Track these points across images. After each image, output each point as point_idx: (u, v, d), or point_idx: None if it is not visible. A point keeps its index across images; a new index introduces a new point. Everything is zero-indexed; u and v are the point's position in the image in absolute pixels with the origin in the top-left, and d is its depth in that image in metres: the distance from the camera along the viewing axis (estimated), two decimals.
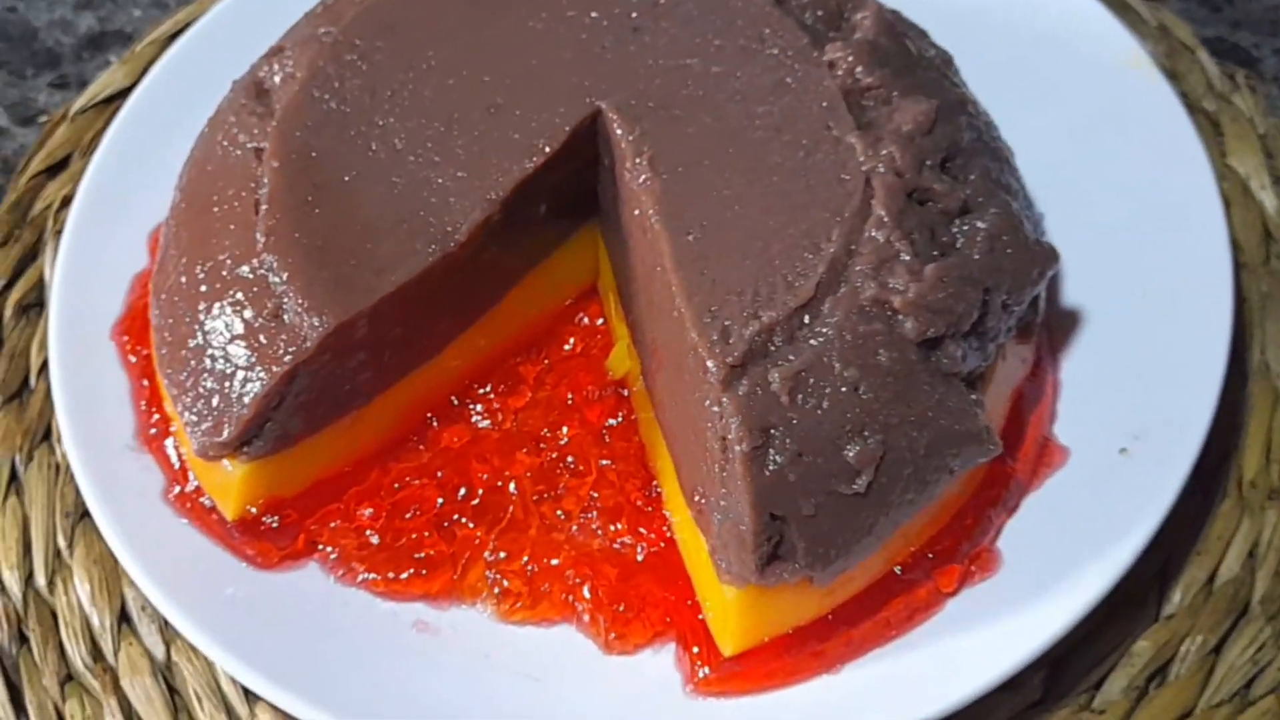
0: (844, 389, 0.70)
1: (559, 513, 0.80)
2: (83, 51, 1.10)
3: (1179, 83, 0.97)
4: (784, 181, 0.75)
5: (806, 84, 0.78)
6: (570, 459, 0.81)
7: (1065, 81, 0.91)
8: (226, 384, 0.74)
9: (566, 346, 0.86)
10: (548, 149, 0.78)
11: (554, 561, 0.78)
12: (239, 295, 0.75)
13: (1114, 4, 1.00)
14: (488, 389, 0.84)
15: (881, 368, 0.71)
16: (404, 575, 0.78)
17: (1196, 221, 0.85)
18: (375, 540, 0.79)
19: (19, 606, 0.83)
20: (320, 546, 0.79)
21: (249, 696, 0.80)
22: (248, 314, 0.75)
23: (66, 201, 0.97)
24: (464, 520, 0.80)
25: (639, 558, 0.79)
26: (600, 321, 0.87)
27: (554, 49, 0.81)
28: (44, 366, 0.91)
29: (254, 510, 0.79)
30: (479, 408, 0.84)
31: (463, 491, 0.81)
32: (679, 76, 0.79)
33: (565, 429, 0.82)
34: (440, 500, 0.80)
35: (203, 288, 0.76)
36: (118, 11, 1.12)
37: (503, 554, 0.79)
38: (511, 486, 0.81)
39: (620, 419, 0.83)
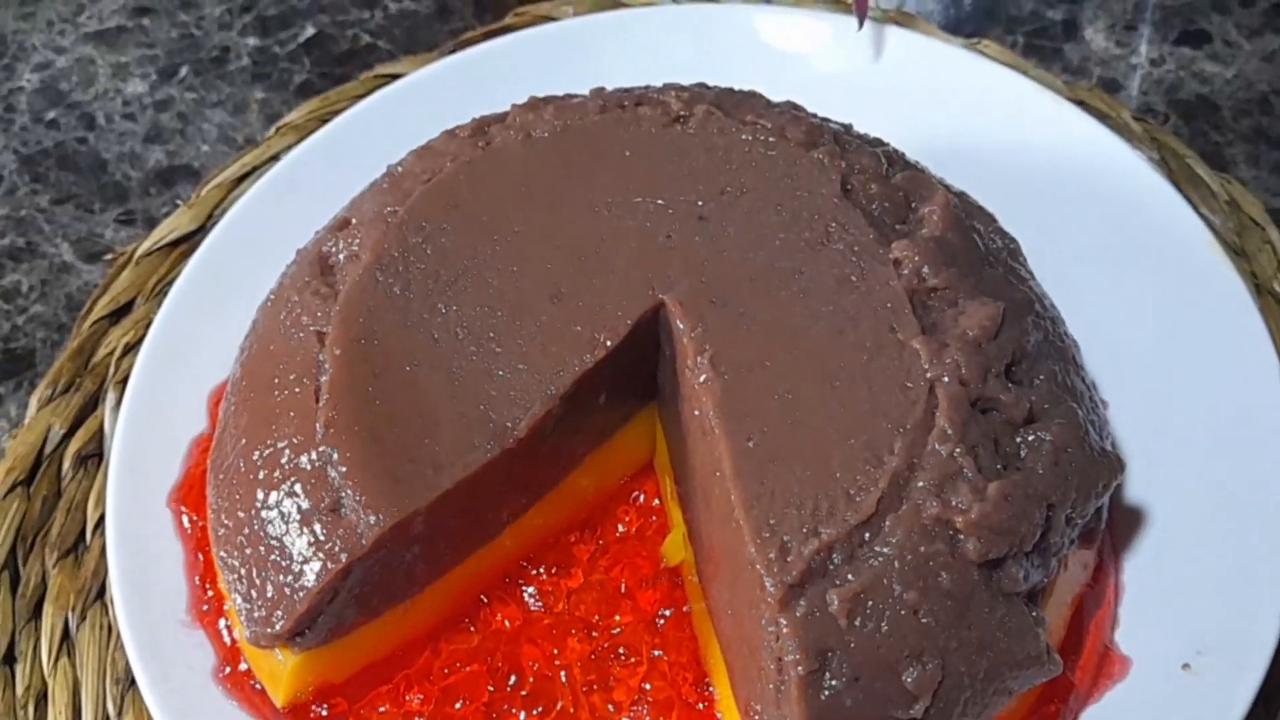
0: (903, 612, 0.69)
1: (609, 705, 0.79)
2: (150, 186, 1.11)
3: (1249, 262, 0.96)
4: (846, 387, 0.74)
5: (871, 283, 0.77)
6: (622, 650, 0.80)
7: (1132, 263, 0.90)
8: (281, 576, 0.74)
9: (620, 527, 0.85)
10: (609, 343, 0.77)
11: None
12: (297, 486, 0.75)
13: (1185, 176, 0.99)
14: (540, 570, 0.83)
15: (942, 590, 0.70)
16: None
17: (1263, 419, 0.84)
18: None
19: None
20: None
21: None
22: (305, 505, 0.74)
23: (129, 348, 0.98)
24: (513, 710, 0.79)
25: None
26: (656, 501, 0.86)
27: (619, 236, 0.80)
28: (100, 521, 0.91)
29: (303, 696, 0.78)
30: (531, 589, 0.83)
31: (513, 679, 0.80)
32: (743, 270, 0.79)
33: (618, 616, 0.81)
34: (490, 688, 0.80)
35: (260, 474, 0.76)
36: (186, 145, 1.13)
37: None
38: (562, 675, 0.80)
39: (673, 610, 0.82)
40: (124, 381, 0.95)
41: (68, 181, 1.12)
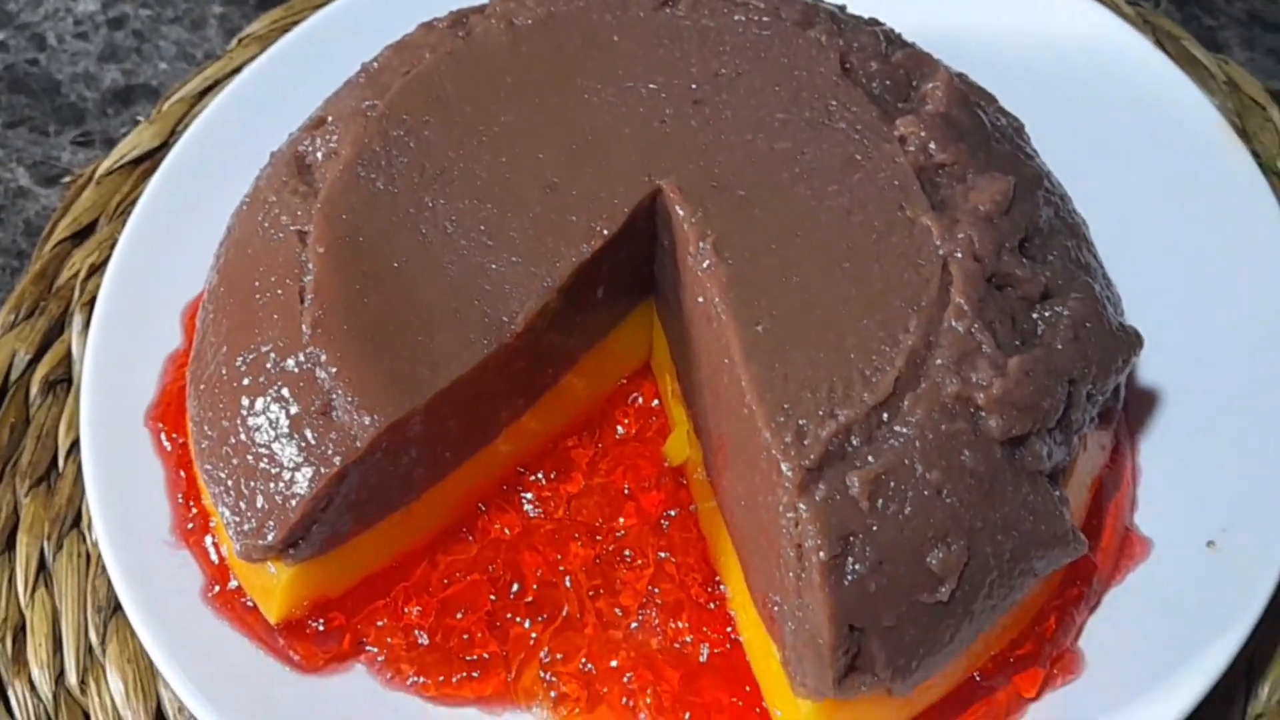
0: (926, 493, 0.66)
1: (616, 609, 0.76)
2: (107, 107, 1.07)
3: (1250, 141, 0.93)
4: (856, 267, 0.71)
5: (878, 161, 0.74)
6: (627, 552, 0.77)
7: (1137, 144, 0.88)
8: (271, 484, 0.71)
9: (620, 429, 0.82)
10: (606, 232, 0.74)
11: (613, 663, 0.75)
12: (284, 390, 0.71)
13: (1182, 58, 0.96)
14: (539, 475, 0.80)
15: (965, 469, 0.67)
16: (455, 678, 0.75)
17: (1277, 295, 0.82)
18: (424, 640, 0.76)
19: (49, 708, 0.80)
20: (367, 647, 0.76)
21: None
22: (294, 410, 0.71)
23: (94, 269, 0.94)
24: (517, 618, 0.76)
25: (702, 658, 0.75)
26: (655, 403, 0.83)
27: (611, 123, 0.77)
28: (73, 447, 0.87)
29: (298, 612, 0.75)
30: (530, 495, 0.80)
31: (515, 587, 0.77)
32: (743, 153, 0.75)
33: (621, 519, 0.79)
34: (492, 596, 0.77)
35: (245, 380, 0.73)
36: (143, 64, 1.09)
37: (559, 655, 0.75)
38: (566, 581, 0.77)
39: (678, 510, 0.79)
40: (90, 303, 0.91)
41: (20, 104, 1.07)
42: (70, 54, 1.09)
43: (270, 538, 0.70)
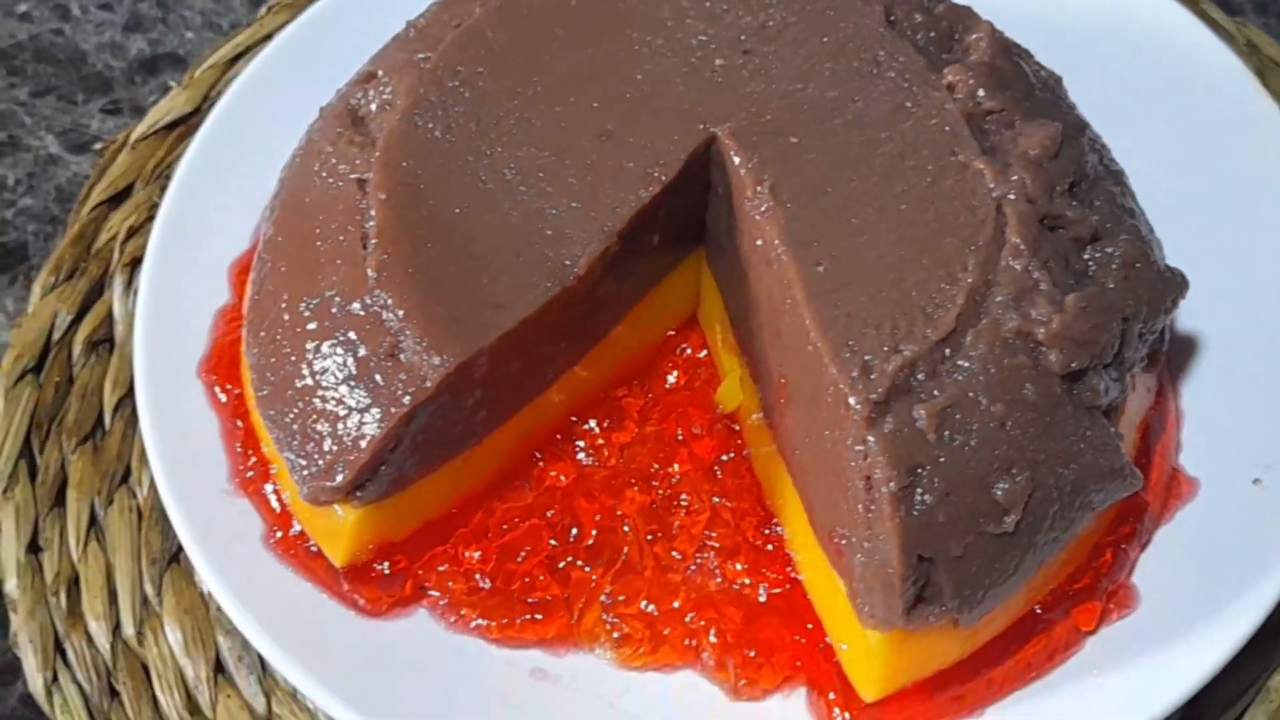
0: (991, 425, 0.68)
1: (674, 553, 0.77)
2: (135, 75, 1.07)
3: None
4: (911, 210, 0.73)
5: (927, 108, 0.76)
6: (683, 497, 0.78)
7: (1166, 99, 0.90)
8: (340, 426, 0.71)
9: (670, 379, 0.83)
10: (663, 178, 0.75)
11: (674, 604, 0.76)
12: (350, 334, 0.72)
13: (1201, 20, 0.98)
14: (591, 424, 0.81)
15: (1028, 402, 0.68)
16: (518, 620, 0.76)
17: None
18: (486, 584, 0.76)
19: (108, 659, 0.80)
20: (429, 592, 0.76)
21: None
22: (361, 353, 0.71)
23: (133, 232, 0.94)
24: (577, 562, 0.77)
25: (761, 599, 0.76)
26: (703, 354, 0.84)
27: (663, 72, 0.78)
28: (119, 405, 0.88)
29: (363, 555, 0.75)
30: (583, 444, 0.81)
31: (574, 532, 0.78)
32: (794, 101, 0.77)
33: (676, 465, 0.80)
34: (552, 541, 0.77)
35: (310, 325, 0.73)
36: (169, 34, 1.09)
37: (621, 597, 0.76)
38: (625, 526, 0.78)
39: (731, 455, 0.80)
40: (131, 265, 0.92)
41: (47, 74, 1.07)
42: (95, 24, 1.09)
43: (339, 479, 0.71)
